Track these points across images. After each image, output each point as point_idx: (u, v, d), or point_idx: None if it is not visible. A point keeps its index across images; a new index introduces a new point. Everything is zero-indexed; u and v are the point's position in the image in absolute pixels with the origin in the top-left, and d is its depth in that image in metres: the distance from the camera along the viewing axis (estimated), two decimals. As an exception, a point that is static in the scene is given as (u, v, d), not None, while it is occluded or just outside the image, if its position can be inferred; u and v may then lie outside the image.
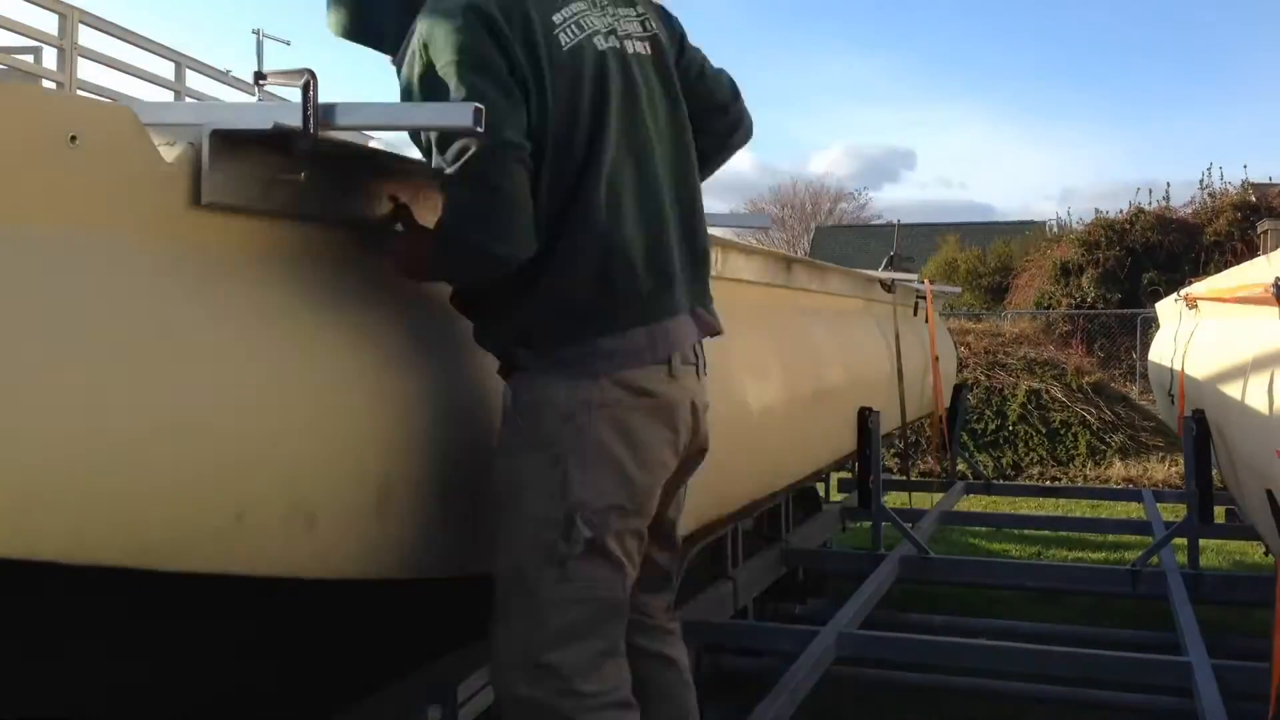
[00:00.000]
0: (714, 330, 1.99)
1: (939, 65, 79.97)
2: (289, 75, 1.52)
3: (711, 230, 2.96)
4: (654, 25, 1.97)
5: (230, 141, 1.39)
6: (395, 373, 1.65)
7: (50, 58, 8.93)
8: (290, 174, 1.49)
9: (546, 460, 1.72)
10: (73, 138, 1.21)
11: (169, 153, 1.34)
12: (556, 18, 1.78)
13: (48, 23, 8.81)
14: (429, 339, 1.77)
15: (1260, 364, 3.22)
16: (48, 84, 8.40)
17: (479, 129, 1.49)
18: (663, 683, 2.06)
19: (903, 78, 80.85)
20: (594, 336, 1.76)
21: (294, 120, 1.41)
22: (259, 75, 1.58)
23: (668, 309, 1.84)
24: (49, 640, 1.58)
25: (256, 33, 9.70)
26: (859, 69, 79.65)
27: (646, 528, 1.85)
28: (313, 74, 1.44)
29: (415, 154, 1.77)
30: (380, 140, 5.21)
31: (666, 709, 2.05)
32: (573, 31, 1.79)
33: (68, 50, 8.85)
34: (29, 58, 8.94)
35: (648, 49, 1.93)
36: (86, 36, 9.09)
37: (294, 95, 1.44)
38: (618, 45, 1.86)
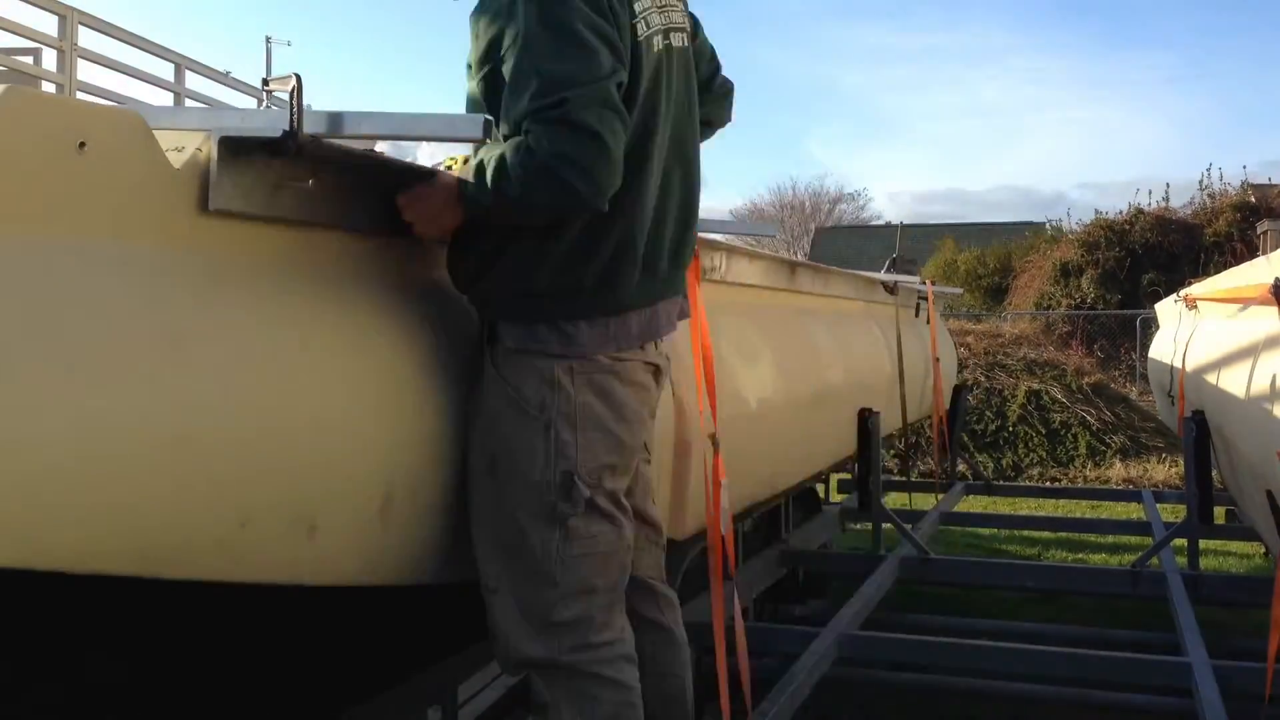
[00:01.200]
0: (684, 314, 2.12)
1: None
2: (281, 80, 1.53)
3: (719, 236, 2.97)
4: (685, 16, 2.06)
5: (238, 147, 1.39)
6: (398, 380, 1.65)
7: (50, 59, 8.93)
8: (297, 180, 1.49)
9: (537, 427, 1.78)
10: (82, 144, 1.21)
11: (177, 158, 1.34)
12: (636, 7, 1.86)
13: (47, 24, 8.81)
14: (433, 347, 1.77)
15: (1260, 364, 3.23)
16: (47, 85, 8.40)
17: (489, 140, 1.50)
18: (660, 658, 2.09)
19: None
20: (587, 316, 1.82)
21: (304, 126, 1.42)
22: (265, 81, 1.58)
23: (653, 296, 1.93)
24: (56, 643, 1.58)
25: (267, 39, 9.70)
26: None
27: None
28: (299, 78, 1.45)
29: (421, 161, 1.78)
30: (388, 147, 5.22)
31: (664, 685, 2.09)
32: (643, 26, 1.87)
33: (67, 52, 8.84)
34: (28, 59, 8.94)
35: (685, 41, 2.02)
36: (86, 38, 9.10)
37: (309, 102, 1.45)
38: (669, 43, 1.94)
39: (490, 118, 1.56)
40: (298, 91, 1.43)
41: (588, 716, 1.83)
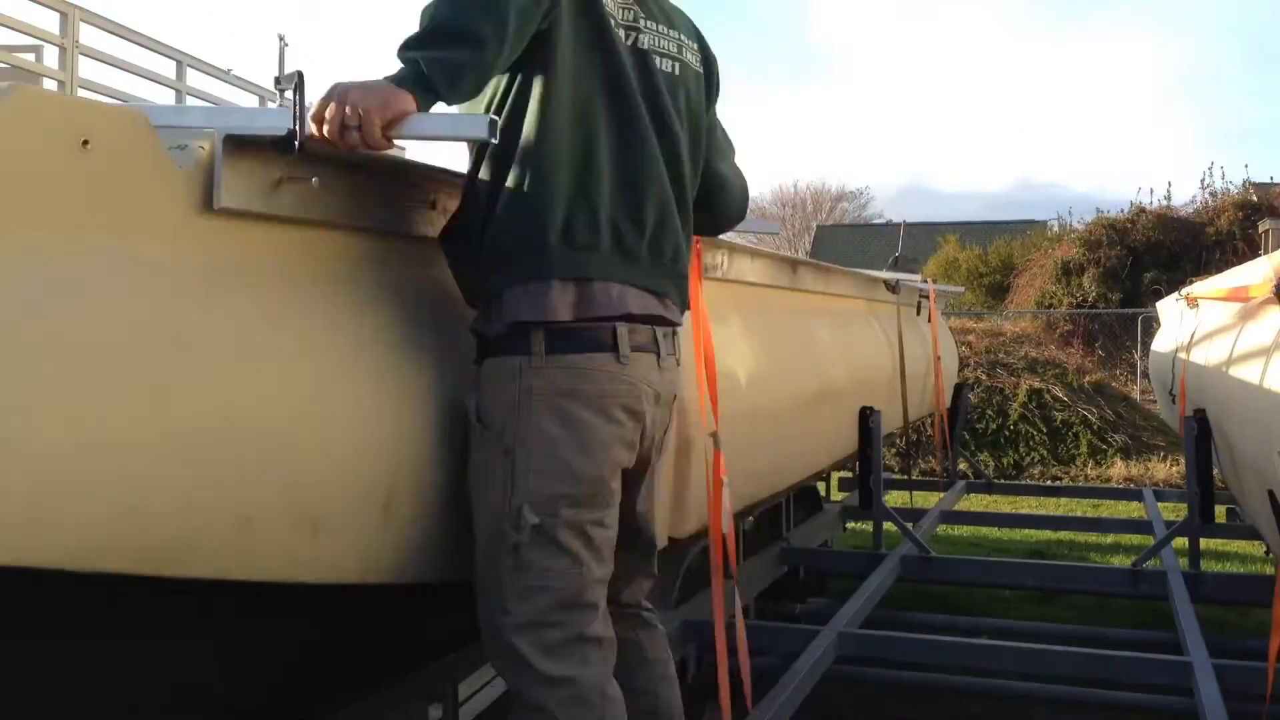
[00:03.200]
0: (673, 321, 2.00)
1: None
2: (286, 78, 1.53)
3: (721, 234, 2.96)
4: (696, 62, 2.09)
5: (243, 145, 1.39)
6: (401, 378, 1.65)
7: (51, 56, 8.93)
8: (302, 178, 1.49)
9: (499, 451, 1.75)
10: (85, 142, 1.21)
11: (181, 157, 1.34)
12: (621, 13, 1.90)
13: (49, 21, 8.81)
14: (436, 345, 1.78)
15: (1261, 363, 3.23)
16: (49, 83, 8.41)
17: (494, 140, 1.51)
18: (637, 677, 2.05)
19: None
20: (547, 276, 1.75)
21: (310, 124, 1.42)
22: (278, 80, 1.59)
23: (623, 276, 1.84)
24: (51, 642, 1.58)
25: (280, 38, 9.70)
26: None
27: (610, 519, 1.87)
28: (301, 75, 1.45)
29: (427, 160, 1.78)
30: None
31: (643, 702, 2.03)
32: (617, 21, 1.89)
33: (69, 49, 8.85)
34: (30, 56, 8.94)
35: (686, 69, 2.04)
36: (88, 35, 9.09)
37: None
38: (663, 57, 1.99)
39: (496, 118, 1.56)
40: (300, 89, 1.43)
41: None
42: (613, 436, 1.82)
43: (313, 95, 1.48)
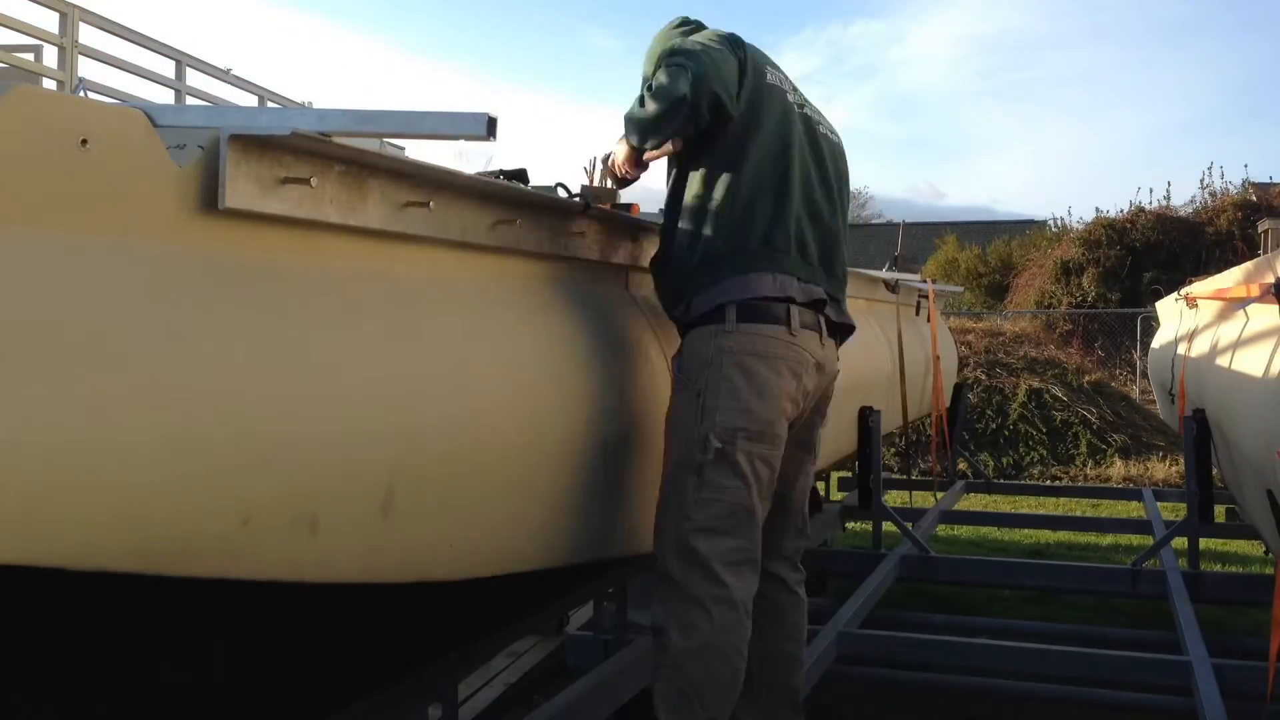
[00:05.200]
0: (847, 325, 2.62)
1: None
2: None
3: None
4: (839, 141, 2.77)
5: (245, 145, 1.39)
6: (400, 376, 1.65)
7: (51, 56, 8.93)
8: (302, 179, 1.49)
9: (693, 395, 2.32)
10: (84, 141, 1.21)
11: (180, 156, 1.34)
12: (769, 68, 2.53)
13: (49, 21, 8.80)
14: (434, 342, 1.78)
15: (1261, 363, 3.23)
16: (48, 82, 8.40)
17: (492, 138, 1.51)
18: (769, 637, 2.55)
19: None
20: (749, 270, 2.37)
21: (309, 124, 1.42)
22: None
23: (803, 276, 2.45)
24: (50, 642, 1.58)
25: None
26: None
27: (774, 459, 2.37)
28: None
29: (428, 159, 1.78)
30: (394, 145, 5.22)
31: (768, 660, 2.55)
32: (772, 75, 2.53)
33: (68, 49, 8.84)
34: (29, 56, 8.94)
35: (829, 132, 2.70)
36: (87, 34, 9.08)
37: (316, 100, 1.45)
38: (804, 110, 2.62)
39: (494, 115, 1.57)
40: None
41: (683, 638, 2.24)
42: (781, 389, 2.36)
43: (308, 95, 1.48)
